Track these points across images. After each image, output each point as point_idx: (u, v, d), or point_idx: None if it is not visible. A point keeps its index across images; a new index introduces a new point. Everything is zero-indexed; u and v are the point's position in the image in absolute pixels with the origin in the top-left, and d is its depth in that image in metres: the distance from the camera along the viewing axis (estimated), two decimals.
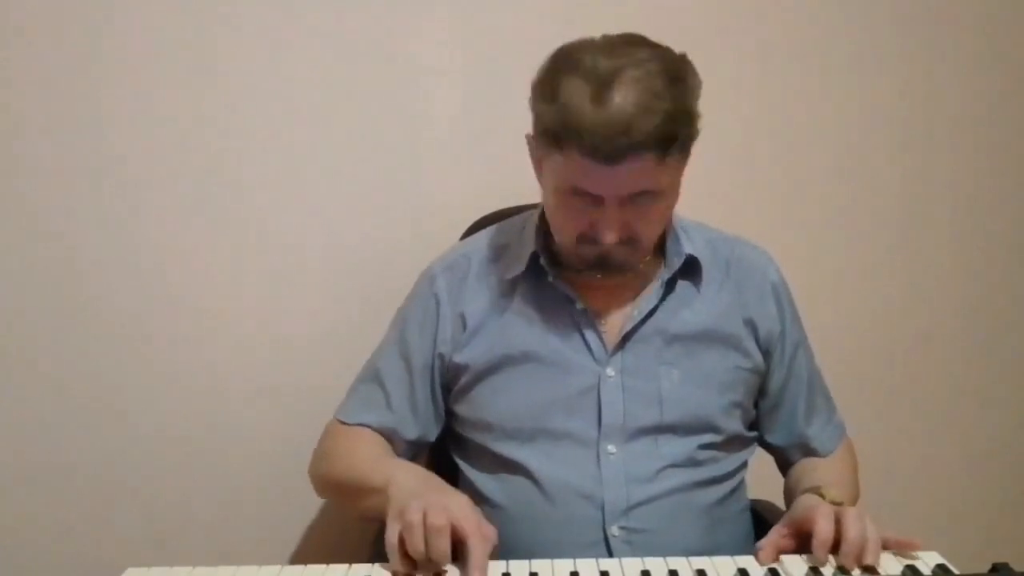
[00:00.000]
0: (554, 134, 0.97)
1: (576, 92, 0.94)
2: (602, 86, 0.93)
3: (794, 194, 1.60)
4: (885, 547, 0.91)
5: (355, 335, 1.27)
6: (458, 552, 0.88)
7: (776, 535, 0.96)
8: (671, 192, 1.03)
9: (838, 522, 0.91)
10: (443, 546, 0.86)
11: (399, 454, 1.15)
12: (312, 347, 1.46)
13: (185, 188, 1.40)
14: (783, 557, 0.93)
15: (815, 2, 1.55)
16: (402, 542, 0.88)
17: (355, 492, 1.06)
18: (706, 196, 1.42)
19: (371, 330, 1.24)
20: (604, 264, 1.05)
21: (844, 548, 0.89)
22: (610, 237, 1.00)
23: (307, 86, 1.41)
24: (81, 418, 1.42)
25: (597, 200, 0.99)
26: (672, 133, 0.95)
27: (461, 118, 1.46)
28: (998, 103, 1.64)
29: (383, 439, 1.15)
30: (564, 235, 1.06)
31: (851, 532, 0.89)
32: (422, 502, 0.89)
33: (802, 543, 0.94)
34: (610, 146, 0.93)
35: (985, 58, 1.62)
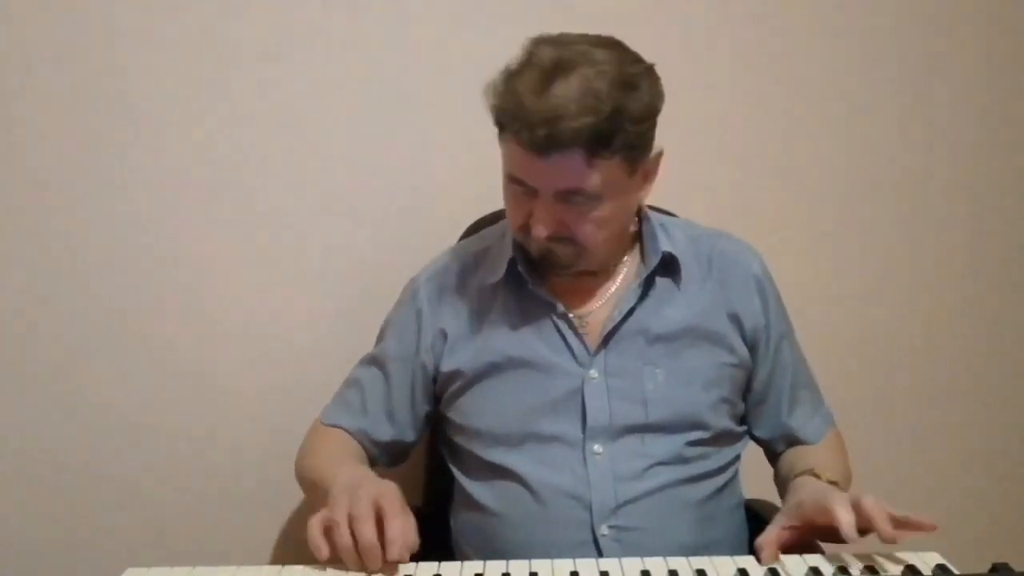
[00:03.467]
0: (498, 118, 1.00)
1: (524, 80, 0.97)
2: (547, 77, 0.95)
3: (793, 194, 1.60)
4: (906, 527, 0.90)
5: (355, 336, 1.27)
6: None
7: (776, 531, 0.95)
8: (612, 197, 1.02)
9: (856, 507, 0.90)
10: (368, 532, 0.85)
11: (371, 456, 1.17)
12: (313, 348, 1.46)
13: (186, 190, 1.40)
14: (783, 557, 0.92)
15: (815, 2, 1.55)
16: (333, 543, 0.88)
17: (312, 489, 1.08)
18: (704, 196, 1.43)
19: (371, 331, 1.24)
20: (548, 259, 1.07)
21: (879, 531, 0.87)
22: (540, 231, 1.02)
23: (308, 87, 1.41)
24: (81, 418, 1.42)
25: (534, 192, 1.01)
26: (605, 135, 0.96)
27: (461, 118, 1.46)
28: (998, 103, 1.63)
29: (354, 441, 1.17)
30: (511, 225, 1.08)
31: (879, 521, 0.88)
32: (348, 497, 0.89)
33: (810, 533, 0.94)
34: (538, 136, 0.95)
35: (984, 58, 1.62)
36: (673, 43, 1.04)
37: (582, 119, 0.94)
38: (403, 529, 0.87)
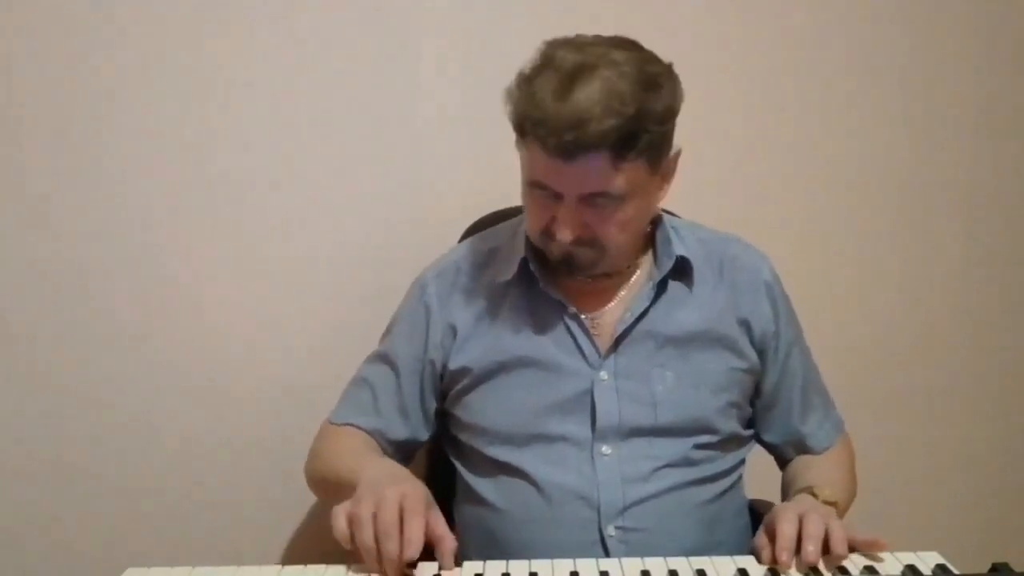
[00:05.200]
0: (519, 124, 0.99)
1: (544, 84, 0.96)
2: (567, 80, 0.94)
3: (795, 195, 1.60)
4: (852, 548, 0.92)
5: (356, 335, 1.27)
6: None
7: (758, 548, 0.95)
8: (635, 198, 1.02)
9: (800, 523, 0.92)
10: (392, 550, 0.86)
11: (386, 454, 1.16)
12: (313, 347, 1.46)
13: (187, 190, 1.40)
14: None
15: (816, 4, 1.55)
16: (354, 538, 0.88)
17: (334, 488, 1.07)
18: (707, 197, 1.43)
19: (372, 330, 1.24)
20: (568, 263, 1.06)
21: (804, 544, 0.90)
22: (565, 235, 1.01)
23: (307, 87, 1.41)
24: (82, 418, 1.42)
25: (557, 196, 1.00)
26: (631, 137, 0.95)
27: (461, 118, 1.46)
28: (997, 105, 1.63)
29: (370, 438, 1.16)
30: (531, 229, 1.07)
31: (812, 528, 0.90)
32: (376, 496, 0.89)
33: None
34: (562, 141, 0.94)
35: (984, 60, 1.62)
36: (674, 44, 1.03)
37: (607, 121, 0.93)
38: (420, 530, 0.87)
